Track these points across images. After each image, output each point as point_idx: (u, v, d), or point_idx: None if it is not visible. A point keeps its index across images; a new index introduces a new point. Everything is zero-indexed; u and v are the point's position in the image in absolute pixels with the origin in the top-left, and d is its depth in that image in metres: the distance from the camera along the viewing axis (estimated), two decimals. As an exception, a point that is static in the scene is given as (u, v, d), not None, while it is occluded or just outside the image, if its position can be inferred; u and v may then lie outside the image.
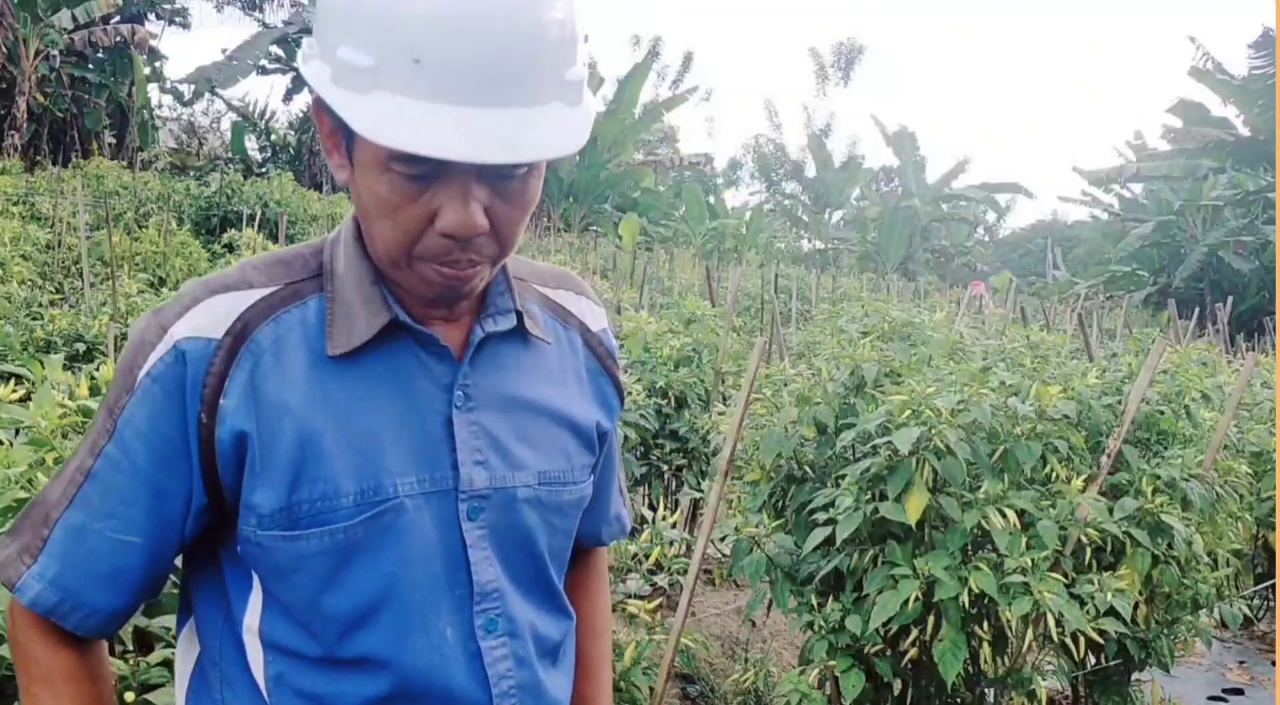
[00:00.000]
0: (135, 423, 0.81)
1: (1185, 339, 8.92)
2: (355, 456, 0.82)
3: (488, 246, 0.81)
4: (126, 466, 0.81)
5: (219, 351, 0.81)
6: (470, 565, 0.86)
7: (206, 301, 0.83)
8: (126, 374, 0.82)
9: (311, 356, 0.83)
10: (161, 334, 0.82)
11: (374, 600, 0.83)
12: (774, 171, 34.76)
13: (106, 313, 4.65)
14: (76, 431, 1.56)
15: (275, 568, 0.83)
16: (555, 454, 0.93)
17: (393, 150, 0.75)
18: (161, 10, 22.67)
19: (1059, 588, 2.38)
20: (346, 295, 0.84)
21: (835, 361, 3.20)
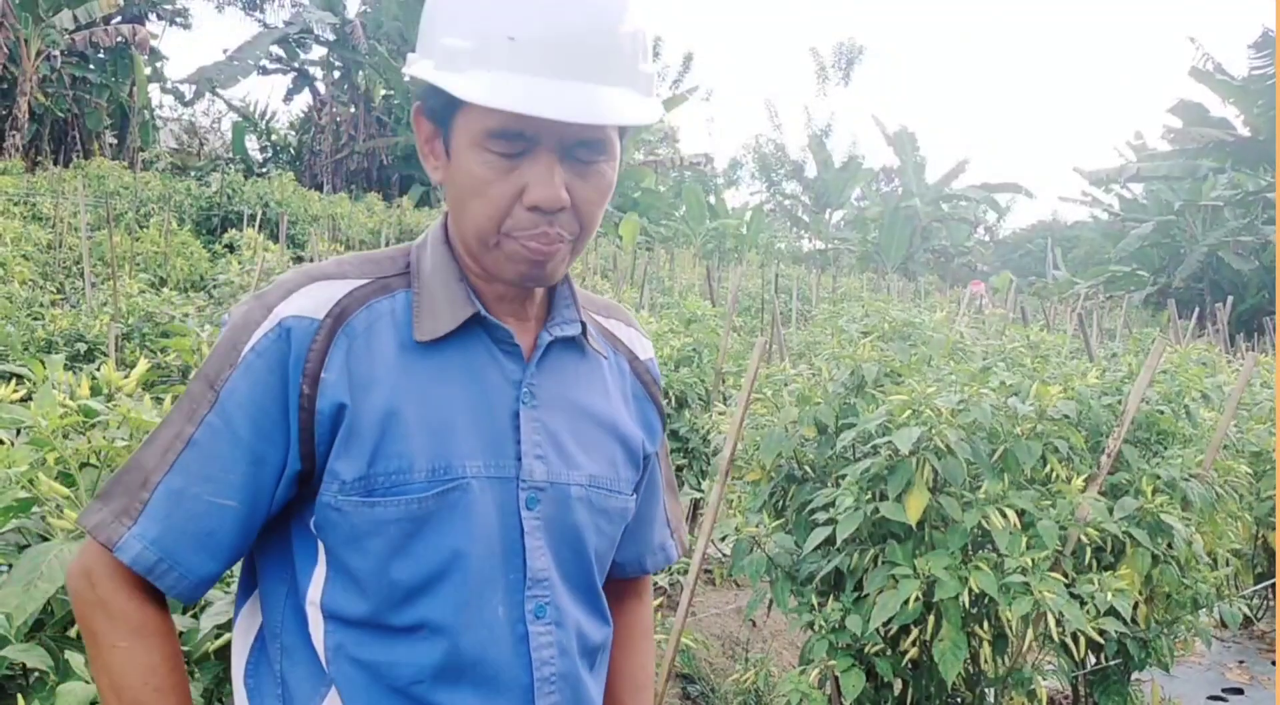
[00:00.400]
0: (238, 394, 0.87)
1: (1185, 339, 8.92)
2: (430, 436, 0.89)
3: (569, 223, 0.89)
4: (227, 435, 0.87)
5: (320, 331, 0.89)
6: (525, 551, 0.92)
7: (308, 287, 0.91)
8: (230, 350, 0.89)
9: (398, 343, 0.91)
10: (266, 313, 0.89)
11: (438, 570, 0.89)
12: (774, 171, 34.75)
13: (107, 313, 4.65)
14: (78, 431, 1.56)
15: (352, 533, 0.88)
16: (604, 461, 0.99)
17: (489, 127, 0.85)
18: (162, 10, 22.68)
19: (1059, 588, 2.38)
20: (432, 291, 0.93)
21: (836, 361, 3.20)
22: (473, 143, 0.87)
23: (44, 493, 1.43)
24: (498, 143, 0.86)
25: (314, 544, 0.91)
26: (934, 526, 2.60)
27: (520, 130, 0.85)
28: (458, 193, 0.91)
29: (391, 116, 23.22)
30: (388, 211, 15.27)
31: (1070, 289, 23.80)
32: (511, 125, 0.85)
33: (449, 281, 0.93)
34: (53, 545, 1.33)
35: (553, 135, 0.86)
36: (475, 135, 0.87)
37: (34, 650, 1.32)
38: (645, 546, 1.13)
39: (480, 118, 0.86)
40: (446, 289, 0.93)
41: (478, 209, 0.89)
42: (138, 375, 1.80)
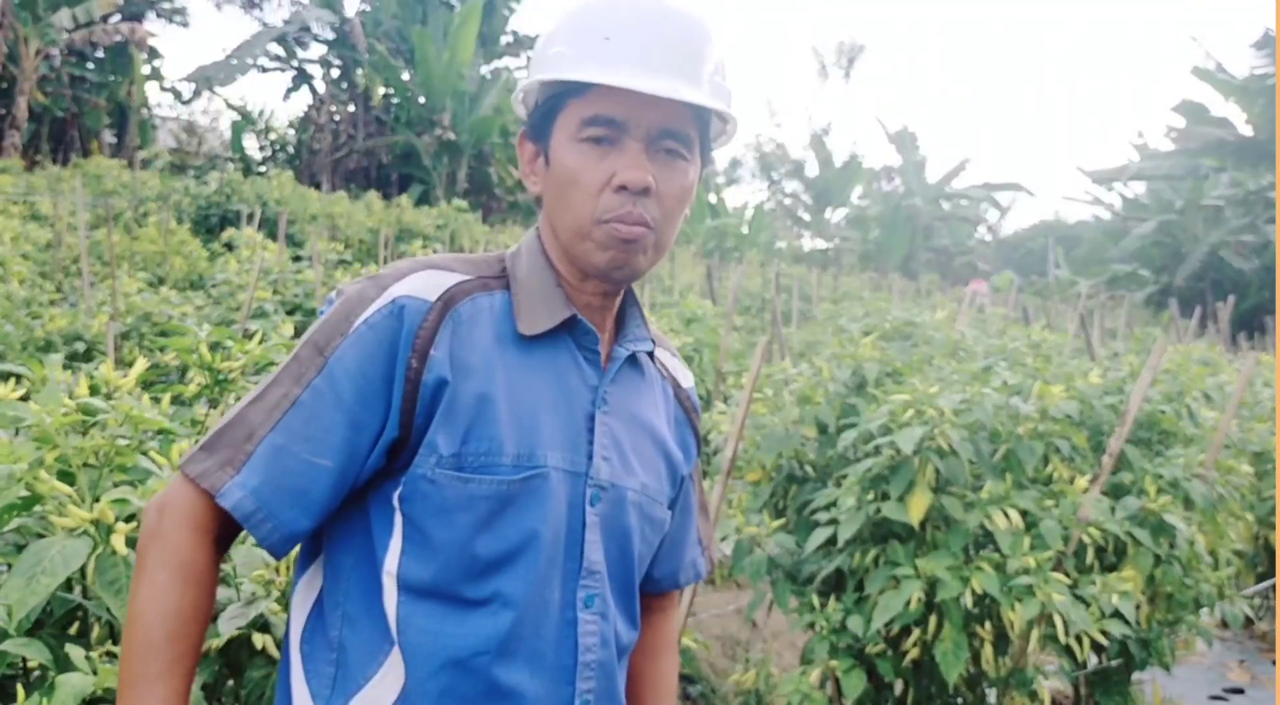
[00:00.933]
0: (345, 361, 0.94)
1: (1187, 338, 8.92)
2: (517, 425, 0.97)
3: (653, 208, 0.98)
4: (331, 399, 0.94)
5: (431, 312, 0.97)
6: (584, 543, 1.00)
7: (422, 273, 0.99)
8: (343, 321, 0.96)
9: (496, 336, 0.99)
10: (381, 292, 0.97)
11: (515, 548, 0.96)
12: (775, 170, 34.75)
13: (106, 312, 4.64)
14: (77, 430, 1.56)
15: (443, 505, 0.95)
16: (653, 473, 1.08)
17: (584, 117, 0.96)
18: (161, 9, 22.66)
19: (1065, 589, 2.37)
20: (530, 293, 1.02)
21: (837, 361, 3.19)
22: (569, 137, 0.98)
23: (45, 491, 1.42)
24: (591, 129, 0.96)
25: (391, 517, 0.97)
26: (936, 527, 2.60)
27: (611, 116, 0.96)
28: (556, 189, 1.00)
29: (390, 115, 23.20)
30: (387, 210, 15.25)
31: (1072, 288, 23.80)
32: (604, 111, 0.96)
33: (545, 286, 1.02)
34: (55, 540, 1.33)
35: (640, 125, 0.96)
36: (572, 130, 0.98)
37: (34, 645, 1.31)
38: (679, 563, 1.20)
39: (577, 111, 0.97)
40: (543, 292, 1.02)
41: (573, 196, 0.98)
42: (136, 374, 1.79)
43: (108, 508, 1.34)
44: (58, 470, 1.50)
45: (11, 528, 1.43)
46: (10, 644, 1.29)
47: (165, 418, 1.63)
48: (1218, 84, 21.09)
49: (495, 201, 23.02)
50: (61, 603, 1.44)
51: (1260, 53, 20.65)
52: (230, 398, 2.00)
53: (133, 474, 1.55)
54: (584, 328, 1.03)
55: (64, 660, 1.32)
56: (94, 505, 1.37)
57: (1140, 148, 25.42)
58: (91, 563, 1.34)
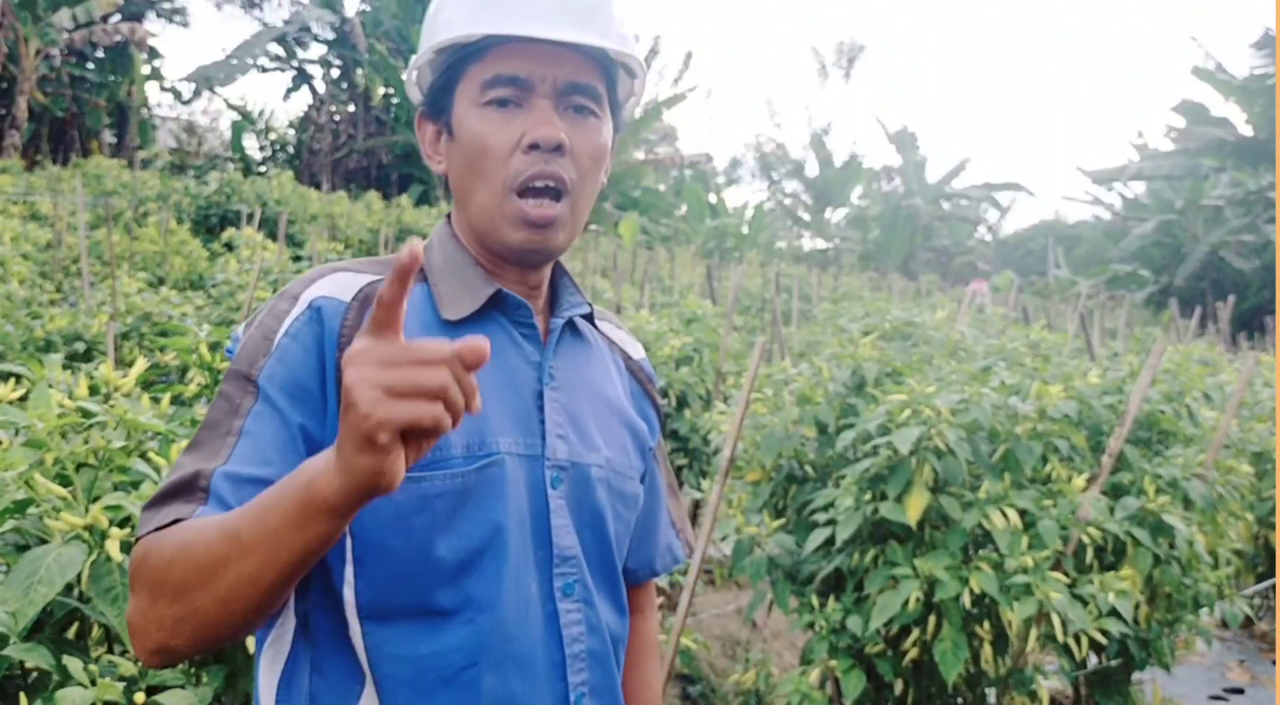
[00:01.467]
0: (276, 378, 0.88)
1: (1186, 338, 8.91)
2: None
3: (568, 170, 0.93)
4: (276, 418, 0.87)
5: (350, 310, 0.91)
6: (552, 529, 0.94)
7: (330, 276, 0.94)
8: (262, 341, 0.90)
9: (422, 327, 0.93)
10: (294, 302, 0.91)
11: (480, 545, 0.90)
12: (775, 170, 34.75)
13: (106, 312, 4.64)
14: (75, 432, 1.55)
15: (396, 512, 0.87)
16: (617, 445, 1.02)
17: (485, 79, 0.91)
18: (161, 9, 22.66)
19: (1063, 588, 2.37)
20: (449, 280, 0.96)
21: (836, 361, 3.19)
22: (471, 104, 0.93)
23: (41, 494, 1.42)
24: (494, 91, 0.92)
25: (343, 544, 0.89)
26: (934, 527, 2.60)
27: (514, 73, 0.91)
28: (462, 160, 0.95)
29: (390, 115, 23.20)
30: (387, 210, 15.25)
31: (1072, 288, 23.80)
32: (505, 70, 0.91)
33: (463, 269, 0.97)
34: (51, 548, 1.32)
35: (545, 80, 0.92)
36: (473, 95, 0.93)
37: (36, 650, 1.31)
38: (653, 549, 1.14)
39: (476, 75, 0.93)
40: (462, 276, 0.96)
41: (482, 165, 0.93)
42: (136, 374, 1.79)
43: (101, 513, 1.34)
44: (55, 472, 1.50)
45: (8, 529, 1.43)
46: (12, 648, 1.29)
47: (163, 419, 1.63)
48: (1218, 84, 21.08)
49: (495, 201, 22.96)
50: (59, 606, 1.44)
51: (1260, 53, 20.65)
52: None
53: (130, 476, 1.55)
54: (514, 301, 0.97)
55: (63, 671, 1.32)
56: (89, 509, 1.36)
57: (1140, 148, 25.41)
58: (86, 569, 1.34)
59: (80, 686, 1.28)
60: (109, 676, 1.35)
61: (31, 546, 1.38)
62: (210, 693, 1.45)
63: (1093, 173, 24.05)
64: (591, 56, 0.94)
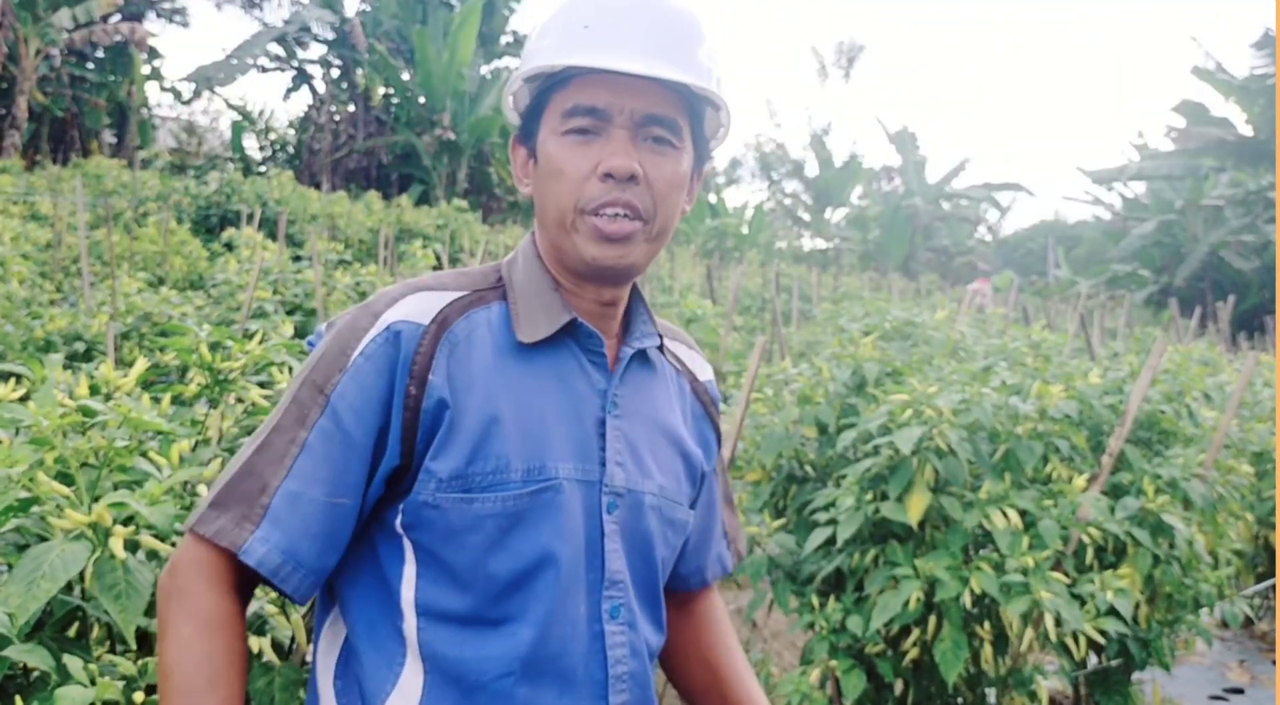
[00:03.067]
0: (348, 397, 0.92)
1: (1186, 338, 8.91)
2: (525, 439, 0.95)
3: (643, 196, 0.96)
4: (340, 438, 0.92)
5: (426, 335, 0.94)
6: (605, 553, 0.98)
7: (414, 296, 0.97)
8: (339, 355, 0.94)
9: (496, 350, 0.97)
10: (374, 320, 0.95)
11: (532, 565, 0.93)
12: (775, 170, 34.75)
13: (106, 312, 4.64)
14: (76, 431, 1.56)
15: (449, 529, 0.92)
16: (670, 474, 1.05)
17: (565, 108, 0.95)
18: (161, 9, 22.66)
19: (1059, 587, 2.37)
20: (528, 300, 0.99)
21: (836, 361, 3.19)
22: (553, 132, 0.97)
23: (43, 492, 1.42)
24: (574, 120, 0.95)
25: (400, 544, 0.95)
26: (935, 527, 2.60)
27: (593, 104, 0.94)
28: (542, 183, 0.98)
29: (390, 115, 23.19)
30: (386, 210, 15.25)
31: (1072, 288, 23.80)
32: (584, 100, 0.94)
33: (543, 291, 1.00)
34: (54, 545, 1.33)
35: (623, 112, 0.94)
36: (555, 123, 0.96)
37: (36, 650, 1.31)
38: (704, 560, 1.18)
39: (559, 103, 0.96)
40: (541, 298, 0.99)
41: (559, 189, 0.96)
42: (136, 374, 1.79)
43: (105, 511, 1.34)
44: (57, 471, 1.50)
45: (10, 528, 1.43)
46: (13, 650, 1.28)
47: (165, 418, 1.63)
48: (1218, 84, 21.08)
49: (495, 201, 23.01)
50: (61, 604, 1.44)
51: (1260, 53, 20.65)
52: (230, 398, 1.99)
53: (132, 475, 1.55)
54: (586, 331, 1.00)
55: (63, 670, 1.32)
56: (92, 507, 1.36)
57: (1140, 148, 25.41)
58: (90, 566, 1.34)
59: (80, 685, 1.28)
60: (109, 676, 1.35)
61: (33, 546, 1.38)
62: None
63: (1093, 173, 24.04)
64: (673, 89, 0.96)
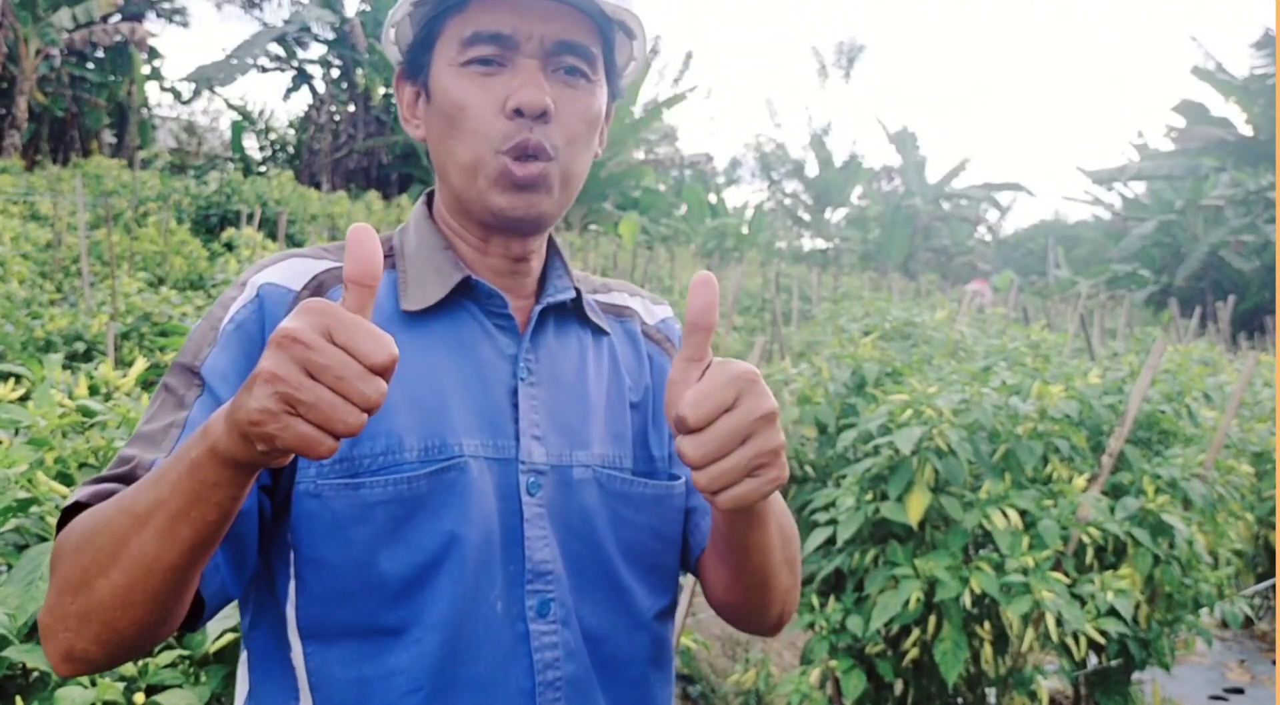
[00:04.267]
0: (220, 368, 0.81)
1: (1186, 338, 8.91)
2: (420, 413, 0.82)
3: (554, 135, 0.85)
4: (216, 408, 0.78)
5: (297, 300, 0.83)
6: (525, 541, 0.84)
7: (283, 262, 0.87)
8: (209, 330, 0.84)
9: (381, 318, 0.85)
10: (241, 288, 0.85)
11: (433, 558, 0.81)
12: (775, 170, 34.75)
13: (106, 312, 4.64)
14: (76, 431, 1.56)
15: (333, 521, 0.80)
16: (616, 438, 0.91)
17: (465, 36, 0.84)
18: (161, 9, 22.67)
19: (1059, 587, 2.37)
20: (418, 266, 0.89)
21: (836, 361, 3.19)
22: (450, 63, 0.85)
23: (42, 492, 1.42)
24: (475, 48, 0.84)
25: (287, 557, 0.82)
26: (935, 527, 2.60)
27: (497, 30, 0.83)
28: (441, 125, 0.87)
29: (391, 115, 23.19)
30: (387, 210, 15.27)
31: (1072, 288, 23.81)
32: (487, 25, 0.83)
33: (433, 252, 0.89)
34: (52, 545, 1.33)
35: (532, 38, 0.83)
36: (452, 54, 0.85)
37: (36, 650, 1.31)
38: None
39: (455, 30, 0.85)
40: (431, 260, 0.88)
41: (462, 127, 0.85)
42: (136, 374, 1.79)
43: (106, 509, 1.34)
44: (56, 471, 1.50)
45: (10, 528, 1.43)
46: (13, 650, 1.29)
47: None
48: (1218, 84, 21.08)
49: (495, 201, 22.96)
50: (60, 603, 1.44)
51: (1260, 53, 20.65)
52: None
53: (131, 475, 1.54)
54: (485, 290, 0.87)
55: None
56: (92, 506, 1.36)
57: (1140, 148, 25.41)
58: (89, 564, 1.33)
59: (80, 686, 1.29)
60: (109, 676, 1.35)
61: (32, 546, 1.38)
62: (209, 692, 1.45)
63: (1093, 173, 24.04)
64: (585, 13, 0.86)
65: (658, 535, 0.91)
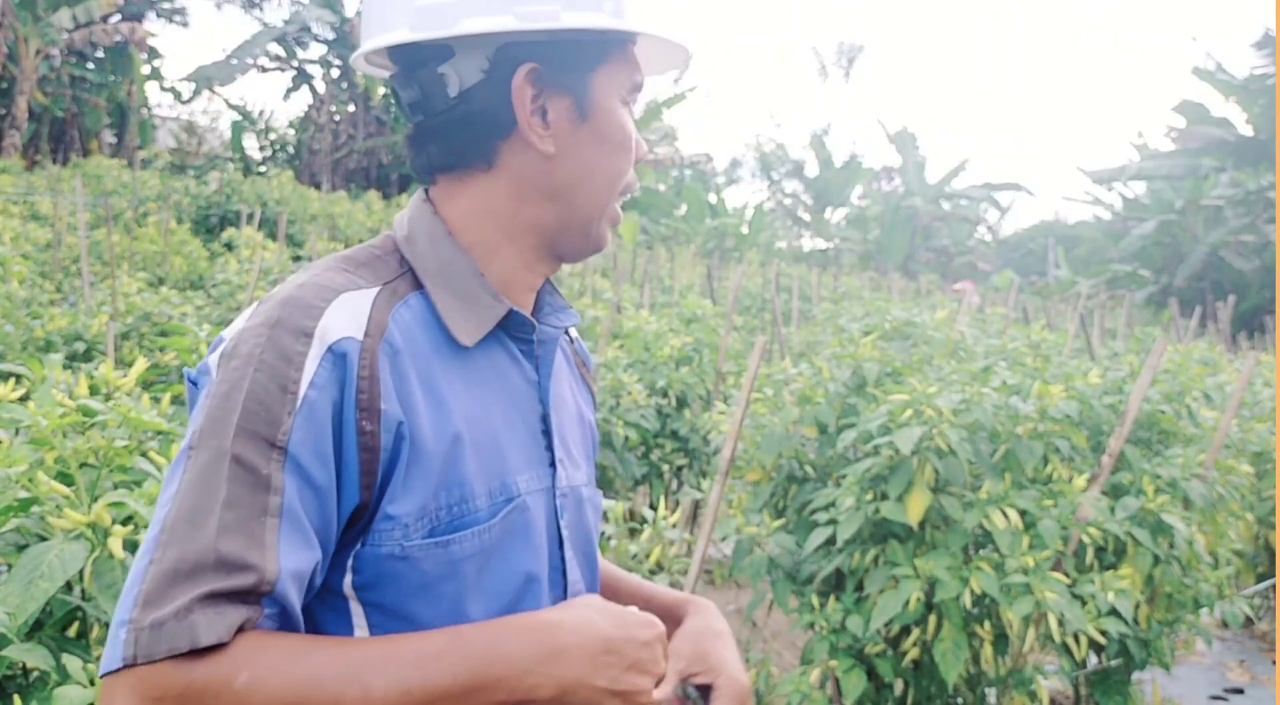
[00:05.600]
0: (310, 444, 0.72)
1: (1187, 338, 8.92)
2: (482, 456, 0.81)
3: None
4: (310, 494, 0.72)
5: (365, 352, 0.75)
6: (565, 563, 0.87)
7: (338, 302, 0.77)
8: (280, 393, 0.72)
9: (434, 347, 0.81)
10: (307, 341, 0.74)
11: (512, 601, 0.81)
12: (775, 170, 34.75)
13: (106, 312, 4.64)
14: (76, 431, 1.56)
15: (421, 582, 0.77)
16: (587, 457, 0.95)
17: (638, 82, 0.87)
18: (161, 9, 22.67)
19: (1060, 588, 2.37)
20: (451, 291, 0.83)
21: (836, 361, 3.19)
22: (619, 96, 0.87)
23: (43, 492, 1.42)
24: (636, 94, 0.89)
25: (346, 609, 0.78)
26: (935, 527, 2.60)
27: (642, 82, 0.89)
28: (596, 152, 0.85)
29: (390, 115, 23.20)
30: (387, 210, 15.28)
31: (1072, 288, 23.81)
32: (642, 76, 0.88)
33: (466, 278, 0.83)
34: (53, 544, 1.33)
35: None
36: (623, 89, 0.87)
37: (36, 650, 1.31)
38: None
39: (627, 72, 0.87)
40: (465, 288, 0.83)
41: (618, 164, 0.87)
42: (136, 374, 1.79)
43: (104, 511, 1.34)
44: (57, 471, 1.50)
45: (10, 528, 1.43)
46: (13, 649, 1.28)
47: (164, 418, 1.63)
48: (1218, 84, 21.08)
49: (495, 201, 22.96)
50: (61, 604, 1.44)
51: (1260, 53, 20.65)
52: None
53: (132, 475, 1.55)
54: (519, 319, 0.85)
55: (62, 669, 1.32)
56: (91, 507, 1.36)
57: (1140, 148, 25.42)
58: (89, 566, 1.34)
59: (78, 685, 1.28)
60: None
61: (32, 546, 1.38)
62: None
63: (1093, 173, 24.04)
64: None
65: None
